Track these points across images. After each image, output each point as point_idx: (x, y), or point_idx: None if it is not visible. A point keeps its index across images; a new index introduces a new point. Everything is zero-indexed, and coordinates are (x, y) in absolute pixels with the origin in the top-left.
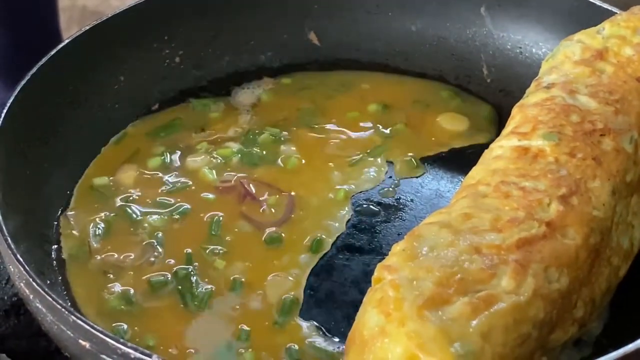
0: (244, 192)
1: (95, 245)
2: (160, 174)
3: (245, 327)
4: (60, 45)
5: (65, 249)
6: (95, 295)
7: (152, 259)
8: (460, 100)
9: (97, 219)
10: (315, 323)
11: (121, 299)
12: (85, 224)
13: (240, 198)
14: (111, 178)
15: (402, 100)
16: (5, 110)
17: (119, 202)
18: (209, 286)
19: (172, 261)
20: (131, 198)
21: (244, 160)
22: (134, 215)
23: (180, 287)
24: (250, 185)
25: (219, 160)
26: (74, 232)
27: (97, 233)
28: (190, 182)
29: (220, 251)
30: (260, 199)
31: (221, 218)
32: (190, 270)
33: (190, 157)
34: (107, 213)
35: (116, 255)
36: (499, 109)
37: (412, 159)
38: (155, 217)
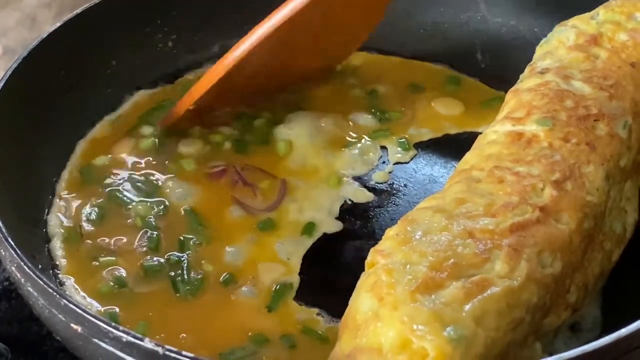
0: (236, 178)
1: (87, 228)
2: (151, 158)
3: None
4: (52, 29)
5: (57, 233)
6: (86, 279)
7: (145, 243)
8: (454, 85)
9: (89, 203)
10: (309, 307)
11: (113, 283)
12: (77, 208)
13: (232, 183)
14: (109, 156)
15: (396, 85)
16: None
17: (110, 186)
18: (202, 272)
19: (165, 247)
20: (123, 183)
21: (236, 145)
22: (126, 200)
23: (172, 274)
24: (242, 170)
25: (211, 145)
26: (65, 216)
27: (89, 217)
28: (180, 168)
29: (200, 242)
30: (253, 184)
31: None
32: (182, 257)
33: (182, 141)
34: (99, 197)
35: (108, 240)
36: (493, 94)
37: (406, 143)
38: (145, 202)
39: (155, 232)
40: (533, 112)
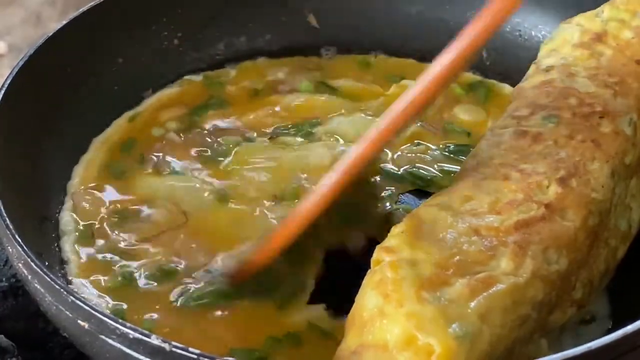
0: None
1: (98, 227)
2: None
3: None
4: (58, 27)
5: (68, 231)
6: (94, 276)
7: (154, 242)
8: (462, 90)
9: (101, 202)
10: (315, 304)
11: (122, 279)
12: (89, 207)
13: None
14: (120, 154)
15: None
16: (3, 92)
17: (126, 184)
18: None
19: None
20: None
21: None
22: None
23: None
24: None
25: (222, 147)
26: (76, 214)
27: (100, 216)
28: None
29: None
30: None
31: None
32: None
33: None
34: (111, 195)
35: (118, 238)
36: (497, 92)
37: None
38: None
39: (166, 232)
40: (538, 110)
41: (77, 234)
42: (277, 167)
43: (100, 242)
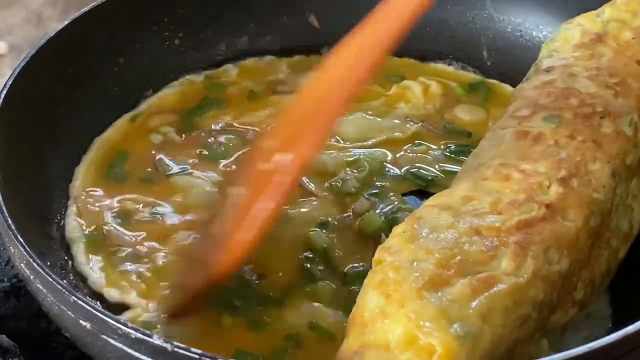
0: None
1: (104, 227)
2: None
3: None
4: (60, 27)
5: (70, 231)
6: (97, 276)
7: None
8: (463, 90)
9: (104, 201)
10: (317, 304)
11: (124, 279)
12: (91, 207)
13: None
14: (123, 155)
15: None
16: (4, 92)
17: (126, 184)
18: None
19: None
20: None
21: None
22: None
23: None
24: None
25: (222, 147)
26: (78, 214)
27: (108, 215)
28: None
29: None
30: None
31: None
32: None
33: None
34: (115, 195)
35: (122, 238)
36: (498, 92)
37: None
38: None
39: (171, 231)
40: (539, 110)
41: (77, 233)
42: None
43: (107, 244)
